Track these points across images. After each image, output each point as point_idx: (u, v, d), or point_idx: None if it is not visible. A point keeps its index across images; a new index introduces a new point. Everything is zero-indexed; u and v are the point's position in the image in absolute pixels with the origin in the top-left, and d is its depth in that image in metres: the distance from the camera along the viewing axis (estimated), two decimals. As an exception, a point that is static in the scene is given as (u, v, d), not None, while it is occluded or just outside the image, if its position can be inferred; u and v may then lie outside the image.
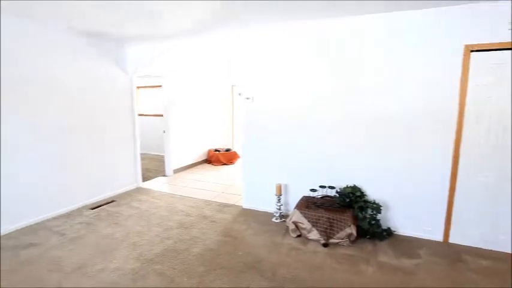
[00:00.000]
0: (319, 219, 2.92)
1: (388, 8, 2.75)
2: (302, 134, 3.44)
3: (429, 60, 2.77)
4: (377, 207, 2.98)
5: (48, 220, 3.44)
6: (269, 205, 3.66)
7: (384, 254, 2.70)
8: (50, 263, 2.55)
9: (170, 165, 5.68)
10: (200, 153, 6.68)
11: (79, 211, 3.74)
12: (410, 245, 2.86)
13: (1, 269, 2.44)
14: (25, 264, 2.53)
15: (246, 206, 3.90)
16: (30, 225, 3.28)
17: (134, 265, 2.49)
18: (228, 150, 6.92)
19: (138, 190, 4.68)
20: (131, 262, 2.54)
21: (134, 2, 2.59)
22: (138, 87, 5.60)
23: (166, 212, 3.73)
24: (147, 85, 7.34)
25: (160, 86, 7.01)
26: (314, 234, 2.94)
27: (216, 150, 6.79)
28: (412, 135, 2.92)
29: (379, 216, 2.98)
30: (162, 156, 6.21)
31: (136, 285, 2.21)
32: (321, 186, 3.28)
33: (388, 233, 3.00)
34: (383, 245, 2.86)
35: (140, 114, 6.46)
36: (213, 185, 5.05)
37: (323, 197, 3.28)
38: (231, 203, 4.09)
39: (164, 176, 5.62)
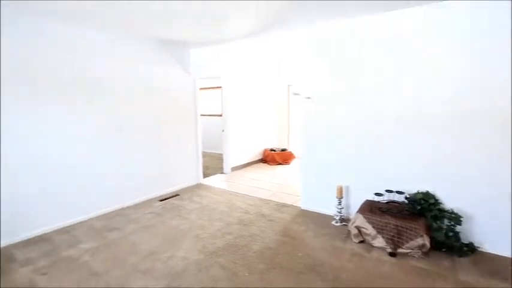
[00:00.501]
0: (385, 226, 2.70)
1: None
2: (365, 134, 3.23)
3: None
4: (455, 218, 2.63)
5: (125, 209, 3.88)
6: (328, 207, 3.53)
7: (466, 272, 2.36)
8: (128, 246, 2.87)
9: (228, 163, 5.91)
10: (256, 153, 6.81)
11: (149, 202, 4.13)
12: (502, 266, 2.44)
13: (93, 245, 2.84)
14: (110, 245, 2.89)
15: (304, 207, 3.83)
16: (113, 211, 3.75)
17: (199, 256, 2.65)
18: (283, 150, 6.91)
19: (199, 186, 4.97)
20: (196, 253, 2.70)
21: (200, 9, 2.76)
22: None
23: (225, 208, 3.89)
24: (206, 86, 7.75)
25: (219, 87, 7.36)
26: (379, 242, 2.73)
27: (271, 150, 6.83)
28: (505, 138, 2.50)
29: (458, 228, 2.63)
30: (220, 154, 6.50)
31: (201, 275, 2.35)
32: (388, 191, 3.04)
33: (471, 249, 2.61)
34: (463, 261, 2.51)
35: (200, 115, 6.85)
36: (269, 184, 5.09)
37: (389, 202, 3.03)
38: (289, 203, 4.06)
39: (222, 173, 5.87)
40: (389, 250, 2.64)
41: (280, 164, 6.62)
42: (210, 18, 3.13)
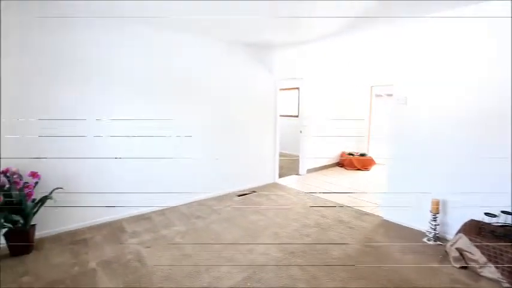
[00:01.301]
0: (500, 254, 2.24)
1: None
2: (467, 141, 2.75)
3: None
4: None
5: (208, 200, 4.21)
6: (415, 221, 3.17)
7: None
8: (211, 234, 3.11)
9: (304, 165, 5.85)
10: (332, 156, 6.55)
11: (229, 196, 4.39)
12: None
13: (183, 229, 3.18)
14: (197, 230, 3.19)
15: (387, 217, 3.50)
16: (197, 201, 4.13)
17: (277, 254, 2.68)
18: (362, 155, 6.47)
19: (274, 185, 5.05)
20: (274, 250, 2.75)
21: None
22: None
23: (302, 209, 3.85)
24: (283, 87, 7.82)
25: (295, 88, 7.36)
26: (491, 272, 2.28)
27: (349, 154, 6.48)
28: None
29: None
30: (294, 155, 6.46)
31: (281, 273, 2.37)
32: (504, 212, 2.51)
33: None
34: None
35: (278, 115, 6.96)
36: (347, 189, 4.83)
37: (505, 225, 2.51)
38: (369, 211, 3.77)
39: (297, 174, 5.84)
40: (506, 285, 2.18)
41: (358, 169, 6.21)
42: (300, 20, 3.14)
